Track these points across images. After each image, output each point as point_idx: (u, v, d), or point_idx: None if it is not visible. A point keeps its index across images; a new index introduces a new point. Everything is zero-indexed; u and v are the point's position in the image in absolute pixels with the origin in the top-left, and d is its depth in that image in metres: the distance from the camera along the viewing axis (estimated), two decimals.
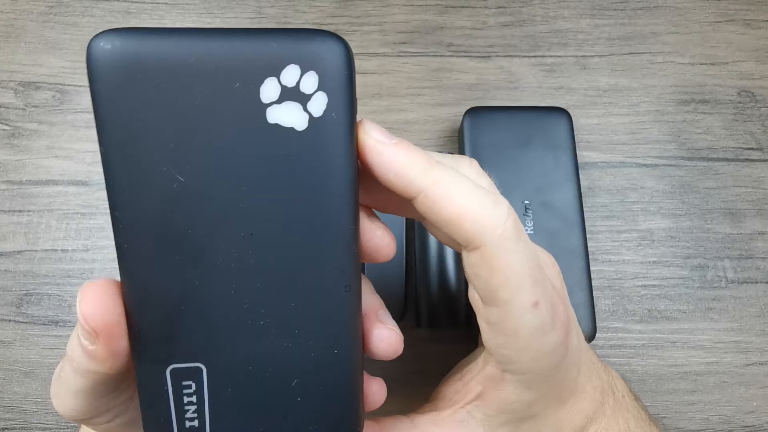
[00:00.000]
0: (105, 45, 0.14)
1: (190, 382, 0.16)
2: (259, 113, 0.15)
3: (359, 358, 0.18)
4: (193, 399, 0.17)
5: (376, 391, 0.19)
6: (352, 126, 0.16)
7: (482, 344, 0.23)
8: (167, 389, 0.16)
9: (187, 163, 0.15)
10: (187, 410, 0.17)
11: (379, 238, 0.18)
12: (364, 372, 0.19)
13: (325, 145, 0.15)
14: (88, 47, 0.14)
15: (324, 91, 0.15)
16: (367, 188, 0.18)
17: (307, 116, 0.15)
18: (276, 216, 0.16)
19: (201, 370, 0.16)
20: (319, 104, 0.15)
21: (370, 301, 0.19)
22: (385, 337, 0.18)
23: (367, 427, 0.20)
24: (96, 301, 0.15)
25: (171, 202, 0.15)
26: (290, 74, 0.15)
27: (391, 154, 0.16)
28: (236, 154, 0.15)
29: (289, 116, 0.15)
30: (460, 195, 0.17)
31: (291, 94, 0.15)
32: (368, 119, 0.17)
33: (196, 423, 0.17)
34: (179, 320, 0.16)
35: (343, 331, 0.17)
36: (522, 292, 0.17)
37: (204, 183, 0.15)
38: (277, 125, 0.15)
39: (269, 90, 0.15)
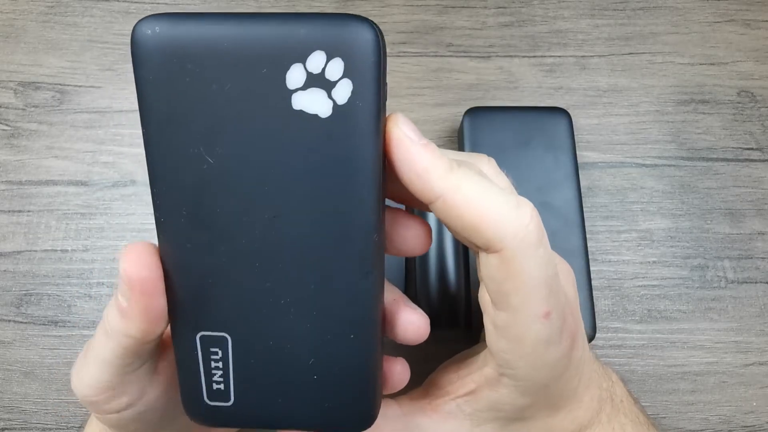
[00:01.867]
0: (147, 31, 0.14)
1: (216, 349, 0.18)
2: (285, 99, 0.15)
3: (377, 343, 0.18)
4: (219, 365, 0.18)
5: (399, 371, 0.20)
6: (378, 114, 0.15)
7: (485, 341, 0.23)
8: (197, 353, 0.18)
9: (217, 145, 0.15)
10: (214, 374, 0.18)
11: (414, 230, 0.18)
12: (387, 354, 0.20)
13: (348, 133, 0.15)
14: (133, 33, 0.15)
15: (349, 78, 0.15)
16: (389, 180, 0.18)
17: (331, 103, 0.15)
18: (300, 201, 0.16)
19: (226, 339, 0.17)
20: (343, 91, 0.15)
21: (391, 287, 0.20)
22: (415, 321, 0.19)
23: None
24: (136, 258, 0.16)
25: (201, 182, 0.16)
26: (316, 60, 0.14)
27: (418, 153, 0.16)
28: (263, 139, 0.15)
29: (314, 103, 0.15)
30: (480, 199, 0.16)
31: (316, 80, 0.15)
32: (401, 113, 0.16)
33: (222, 386, 0.18)
34: (208, 292, 0.17)
35: (360, 318, 0.17)
36: (534, 301, 0.17)
37: (231, 165, 0.15)
38: (301, 111, 0.15)
39: (295, 76, 0.15)
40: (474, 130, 0.33)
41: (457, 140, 0.36)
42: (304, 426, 0.19)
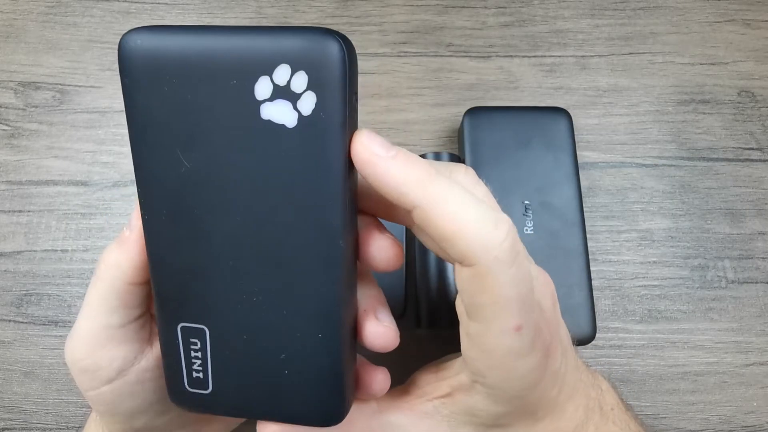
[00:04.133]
0: (132, 42, 0.16)
1: (196, 340, 0.19)
2: (254, 109, 0.16)
3: (345, 344, 0.19)
4: (199, 355, 0.19)
5: (380, 380, 0.20)
6: (342, 125, 0.16)
7: None
8: (178, 343, 0.19)
9: (193, 150, 0.16)
10: (194, 363, 0.19)
11: (384, 249, 0.19)
12: (368, 362, 0.21)
13: (313, 143, 0.16)
14: (120, 43, 0.16)
15: (313, 90, 0.15)
16: (368, 196, 0.18)
17: (296, 114, 0.16)
18: (269, 204, 0.17)
19: (205, 331, 0.19)
20: (308, 103, 0.16)
21: (370, 295, 0.20)
22: (381, 333, 0.19)
23: None
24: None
25: (179, 184, 0.17)
26: (281, 74, 0.15)
27: (388, 168, 0.16)
28: (234, 145, 0.16)
29: (280, 114, 0.16)
30: (458, 212, 0.16)
31: (282, 92, 0.16)
32: (368, 129, 0.16)
33: (200, 375, 0.19)
34: (188, 286, 0.18)
35: (327, 318, 0.18)
36: (506, 315, 0.17)
37: (206, 169, 0.16)
38: (269, 121, 0.16)
39: (263, 88, 0.16)
40: (474, 130, 0.33)
41: (457, 140, 0.36)
42: (276, 418, 0.19)
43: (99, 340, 0.19)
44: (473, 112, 0.34)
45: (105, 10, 0.39)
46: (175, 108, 0.16)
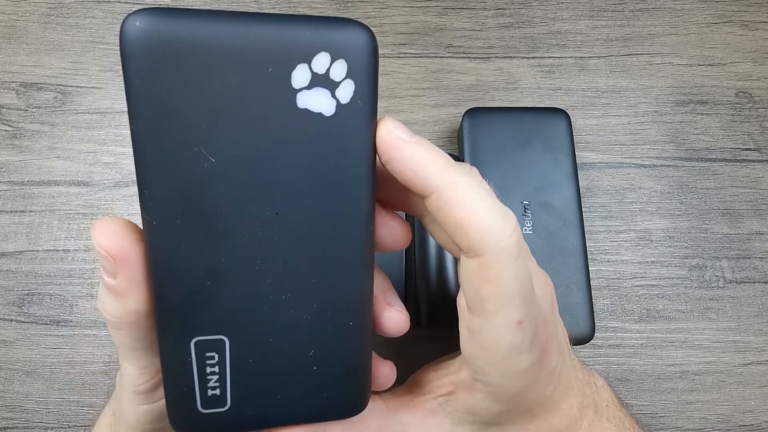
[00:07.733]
0: (139, 24, 0.14)
1: (213, 354, 0.17)
2: (290, 98, 0.15)
3: (370, 330, 0.19)
4: (216, 369, 0.17)
5: (387, 373, 0.21)
6: (375, 112, 0.16)
7: None
8: (191, 360, 0.17)
9: (218, 143, 0.15)
10: (210, 380, 0.17)
11: (394, 228, 0.19)
12: (376, 355, 0.20)
13: (350, 130, 0.16)
14: (122, 25, 0.14)
15: (351, 78, 0.15)
16: (382, 184, 0.19)
17: (335, 102, 0.15)
18: (301, 196, 0.16)
19: (224, 342, 0.17)
20: (346, 91, 0.15)
21: (379, 281, 0.20)
22: (394, 318, 0.19)
23: None
24: (110, 231, 0.16)
25: (201, 181, 0.15)
26: (321, 61, 0.15)
27: (412, 151, 0.16)
28: (266, 137, 0.15)
29: (318, 102, 0.15)
30: (472, 201, 0.17)
31: (321, 80, 0.15)
32: (390, 116, 0.17)
33: (217, 392, 0.17)
34: (205, 295, 0.16)
35: (358, 305, 0.18)
36: (509, 308, 0.17)
37: (234, 163, 0.15)
38: (306, 110, 0.15)
39: (300, 76, 0.15)
40: (473, 130, 0.34)
41: (457, 141, 0.36)
42: (302, 420, 0.19)
43: (146, 372, 0.19)
44: (473, 112, 0.34)
45: (106, 12, 0.39)
46: (196, 98, 0.14)
